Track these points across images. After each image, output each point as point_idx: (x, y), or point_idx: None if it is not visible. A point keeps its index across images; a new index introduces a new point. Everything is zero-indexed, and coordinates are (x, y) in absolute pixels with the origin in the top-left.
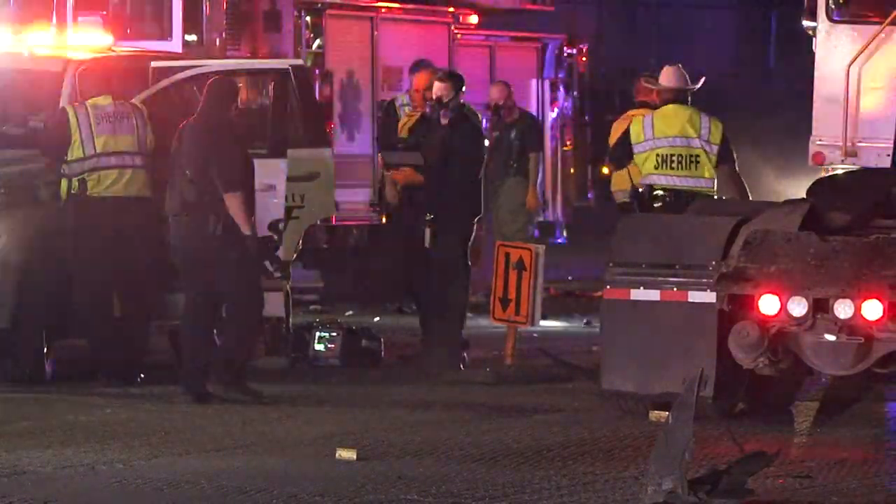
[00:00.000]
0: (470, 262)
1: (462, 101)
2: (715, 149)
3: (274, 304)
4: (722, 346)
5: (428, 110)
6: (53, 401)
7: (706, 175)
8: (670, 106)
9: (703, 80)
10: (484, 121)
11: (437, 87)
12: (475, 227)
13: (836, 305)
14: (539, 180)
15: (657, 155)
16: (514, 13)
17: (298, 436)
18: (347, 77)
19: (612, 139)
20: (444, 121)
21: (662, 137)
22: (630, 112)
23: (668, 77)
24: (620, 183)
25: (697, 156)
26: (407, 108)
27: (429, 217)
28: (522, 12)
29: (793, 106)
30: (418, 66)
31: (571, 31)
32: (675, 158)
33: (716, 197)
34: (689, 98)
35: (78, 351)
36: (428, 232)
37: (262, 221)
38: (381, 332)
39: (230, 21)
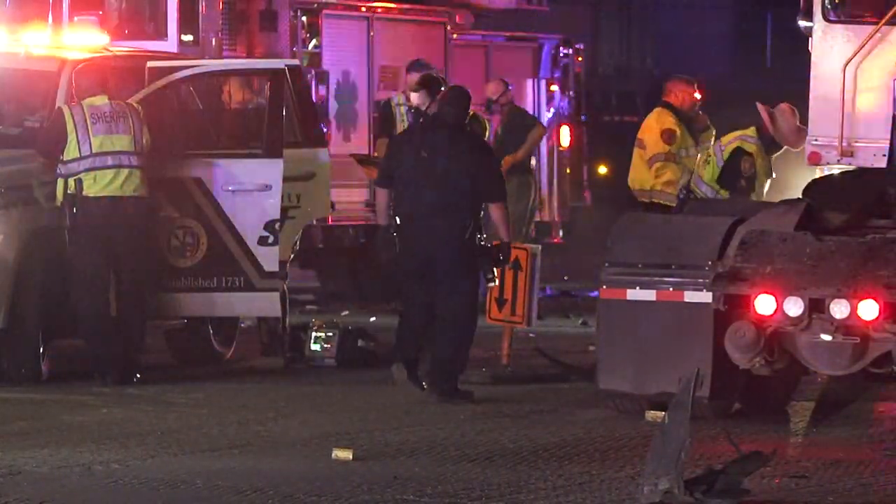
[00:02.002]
0: None
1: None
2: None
3: (270, 305)
4: (718, 347)
5: (410, 119)
6: (50, 401)
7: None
8: None
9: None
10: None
11: (414, 97)
12: None
13: (832, 305)
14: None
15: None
16: (510, 13)
17: (294, 436)
18: (343, 77)
19: (649, 135)
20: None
21: None
22: (660, 109)
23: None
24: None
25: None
26: (402, 108)
27: None
28: (518, 12)
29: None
30: (415, 66)
31: (567, 32)
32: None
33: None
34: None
35: (74, 351)
36: None
37: (259, 221)
38: (378, 332)
39: (226, 21)
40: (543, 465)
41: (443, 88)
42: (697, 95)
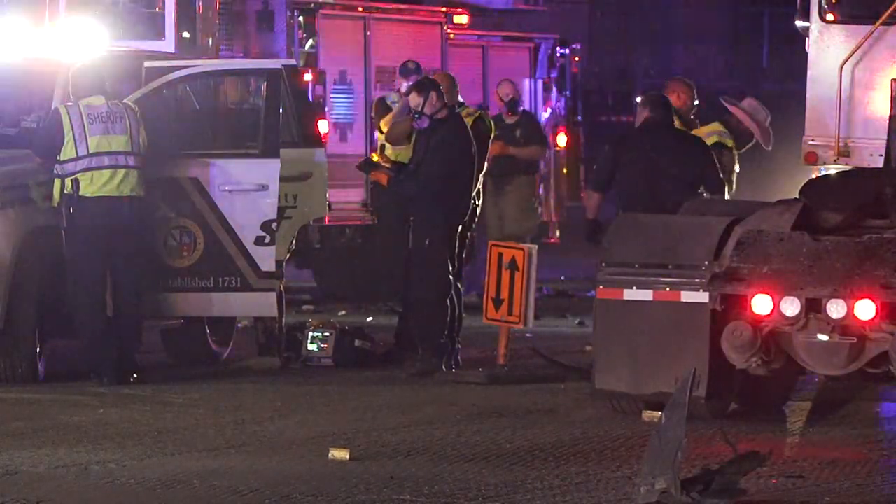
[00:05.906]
0: (455, 262)
1: (440, 103)
2: None
3: (267, 305)
4: (715, 347)
5: (415, 123)
6: (46, 401)
7: None
8: None
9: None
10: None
11: (409, 100)
12: (460, 228)
13: (828, 305)
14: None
15: None
16: (507, 13)
17: (291, 436)
18: (340, 77)
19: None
20: (423, 125)
21: None
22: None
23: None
24: None
25: None
26: (397, 107)
27: (410, 219)
28: (515, 12)
29: (786, 106)
30: (404, 70)
31: (564, 32)
32: None
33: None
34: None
35: (71, 351)
36: (411, 233)
37: (256, 221)
38: (374, 333)
39: (223, 21)
40: (540, 465)
41: (436, 89)
42: (696, 102)
